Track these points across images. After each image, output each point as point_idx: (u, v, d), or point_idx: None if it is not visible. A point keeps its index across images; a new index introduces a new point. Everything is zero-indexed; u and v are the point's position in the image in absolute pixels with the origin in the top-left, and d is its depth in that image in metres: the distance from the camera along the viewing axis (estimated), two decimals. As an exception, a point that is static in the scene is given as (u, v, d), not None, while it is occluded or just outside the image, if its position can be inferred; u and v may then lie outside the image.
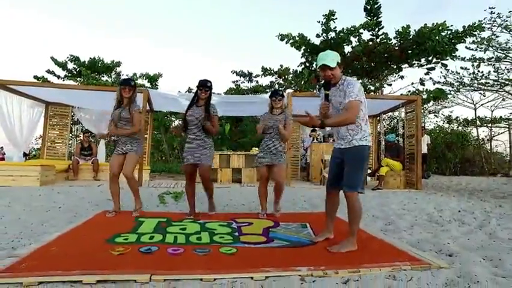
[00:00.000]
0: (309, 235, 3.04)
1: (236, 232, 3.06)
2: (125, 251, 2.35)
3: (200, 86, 3.74)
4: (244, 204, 4.88)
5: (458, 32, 10.00)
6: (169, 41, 38.56)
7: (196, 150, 3.70)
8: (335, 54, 2.58)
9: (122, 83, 3.80)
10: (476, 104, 15.02)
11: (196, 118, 3.71)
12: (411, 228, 3.45)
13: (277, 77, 12.00)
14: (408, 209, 4.58)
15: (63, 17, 36.12)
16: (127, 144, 3.75)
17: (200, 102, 3.79)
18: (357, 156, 2.53)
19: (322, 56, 2.55)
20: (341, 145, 2.62)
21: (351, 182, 2.51)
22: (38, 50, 35.14)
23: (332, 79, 2.54)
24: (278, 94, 3.90)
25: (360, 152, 2.53)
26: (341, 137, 2.64)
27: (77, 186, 6.31)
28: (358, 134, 2.54)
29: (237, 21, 38.75)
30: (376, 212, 4.36)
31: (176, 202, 5.04)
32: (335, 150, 2.75)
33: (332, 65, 2.49)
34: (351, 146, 2.54)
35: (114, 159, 3.76)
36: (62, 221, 3.41)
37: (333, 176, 2.73)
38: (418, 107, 7.40)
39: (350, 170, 2.53)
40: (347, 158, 2.56)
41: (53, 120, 8.91)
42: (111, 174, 3.71)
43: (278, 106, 3.88)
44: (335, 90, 2.60)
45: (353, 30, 10.80)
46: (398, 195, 5.95)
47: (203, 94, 3.73)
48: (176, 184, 7.29)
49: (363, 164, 2.56)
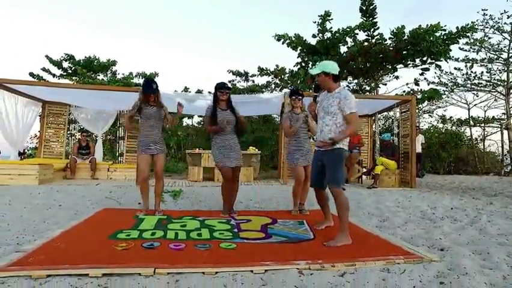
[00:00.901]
0: (307, 231, 3.14)
1: (235, 229, 3.14)
2: (128, 247, 2.42)
3: (219, 88, 3.79)
4: (242, 202, 4.95)
5: (452, 33, 10.15)
6: (165, 41, 38.52)
7: (235, 154, 3.78)
8: (324, 65, 2.92)
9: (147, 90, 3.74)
10: (470, 104, 15.25)
11: (227, 121, 3.75)
12: (405, 225, 3.55)
13: (273, 77, 12.08)
14: (403, 207, 4.69)
15: (59, 15, 35.93)
16: (157, 144, 3.76)
17: (222, 104, 3.82)
18: (337, 158, 2.81)
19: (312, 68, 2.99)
20: (321, 148, 2.86)
21: (335, 180, 2.80)
22: (33, 47, 34.94)
23: (318, 83, 3.00)
24: (298, 93, 3.99)
25: (340, 154, 2.81)
26: (322, 137, 2.87)
27: (76, 185, 6.34)
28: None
29: (233, 22, 38.81)
30: (371, 210, 4.46)
31: (175, 200, 5.11)
32: (316, 153, 3.02)
33: (313, 72, 2.96)
34: (331, 149, 2.79)
35: (144, 160, 3.71)
36: (63, 218, 3.46)
37: (315, 176, 3.06)
38: (413, 107, 7.52)
39: (332, 169, 2.82)
40: (328, 159, 2.84)
41: (49, 119, 8.92)
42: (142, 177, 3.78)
43: (298, 105, 3.97)
44: (329, 96, 2.89)
45: (349, 31, 10.92)
46: (393, 194, 6.07)
47: (224, 96, 3.78)
48: (174, 183, 7.36)
49: (342, 164, 2.87)
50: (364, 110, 8.91)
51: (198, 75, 35.55)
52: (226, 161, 3.74)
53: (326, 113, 2.87)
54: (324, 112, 2.89)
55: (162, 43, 38.49)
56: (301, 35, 11.56)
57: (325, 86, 2.92)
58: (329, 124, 2.85)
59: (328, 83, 2.88)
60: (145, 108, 3.71)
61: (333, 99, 2.83)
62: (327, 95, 2.91)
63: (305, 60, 12.51)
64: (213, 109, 3.80)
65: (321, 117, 2.94)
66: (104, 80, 14.52)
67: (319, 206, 3.38)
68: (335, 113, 2.81)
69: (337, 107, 2.80)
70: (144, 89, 3.71)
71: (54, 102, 8.83)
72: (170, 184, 7.18)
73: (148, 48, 37.48)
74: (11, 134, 7.64)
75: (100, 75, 15.20)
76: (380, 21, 10.80)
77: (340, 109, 2.78)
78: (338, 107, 2.79)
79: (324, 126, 2.88)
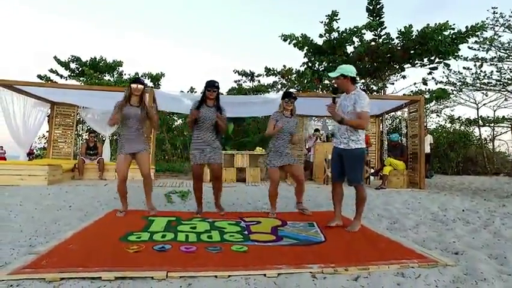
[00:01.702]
0: (317, 233, 3.11)
1: (245, 231, 3.13)
2: (140, 249, 2.42)
3: (208, 86, 3.81)
4: (250, 203, 4.94)
5: (461, 32, 10.04)
6: (172, 42, 38.68)
7: (207, 151, 3.77)
8: (343, 68, 3.22)
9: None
10: (479, 103, 15.06)
11: (208, 118, 3.77)
12: (416, 227, 3.51)
13: (280, 77, 12.04)
14: (413, 208, 4.64)
15: (67, 17, 36.30)
16: (138, 143, 3.76)
17: (209, 102, 3.85)
18: (356, 157, 3.17)
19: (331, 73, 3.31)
20: (339, 145, 3.23)
21: (355, 177, 3.18)
22: (41, 49, 35.37)
23: (335, 85, 3.36)
24: (291, 96, 3.95)
25: (357, 154, 3.16)
26: (340, 135, 3.24)
27: (84, 186, 6.38)
28: (354, 136, 3.14)
29: (239, 22, 38.86)
30: (381, 211, 4.42)
31: (184, 201, 5.11)
32: (335, 150, 3.33)
33: (332, 76, 3.26)
34: (349, 148, 3.15)
35: (122, 160, 3.67)
36: (74, 219, 3.48)
37: (336, 172, 3.36)
38: (421, 107, 7.45)
39: (352, 169, 3.19)
40: (347, 158, 3.18)
41: (58, 120, 9.00)
42: (119, 178, 3.67)
43: (289, 108, 3.93)
44: (346, 97, 3.21)
45: (356, 31, 10.85)
46: (402, 195, 6.01)
47: (211, 94, 3.80)
48: (181, 183, 7.37)
49: (361, 162, 3.23)
50: (373, 110, 8.82)
51: (204, 76, 35.68)
52: (194, 157, 3.77)
53: (344, 113, 3.17)
54: (342, 113, 3.18)
55: (169, 44, 38.66)
56: (308, 35, 11.52)
57: (343, 88, 3.24)
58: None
59: (346, 85, 3.20)
60: (127, 108, 3.70)
61: (349, 100, 3.15)
62: (345, 96, 3.23)
63: (311, 60, 12.46)
64: (199, 104, 3.80)
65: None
66: (111, 80, 14.62)
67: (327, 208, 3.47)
68: (351, 113, 3.13)
69: (352, 107, 3.11)
70: (132, 81, 3.77)
71: (62, 103, 8.92)
72: (177, 184, 7.20)
73: (154, 49, 37.67)
74: (18, 135, 7.72)
75: (107, 76, 15.30)
76: (386, 21, 10.73)
77: (354, 109, 3.08)
78: (353, 107, 3.10)
79: (342, 126, 3.19)
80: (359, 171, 3.24)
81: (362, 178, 3.26)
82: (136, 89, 3.74)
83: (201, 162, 3.80)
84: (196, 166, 3.84)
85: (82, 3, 32.57)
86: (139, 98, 3.81)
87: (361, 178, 3.24)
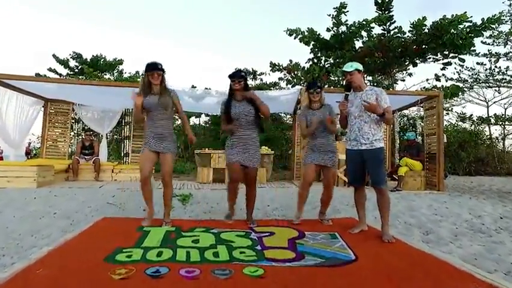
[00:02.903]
0: (344, 248, 2.61)
1: (258, 245, 2.62)
2: (128, 274, 1.91)
3: (231, 77, 3.27)
4: (259, 208, 4.43)
5: (476, 25, 9.49)
6: (172, 41, 38.21)
7: (247, 151, 3.27)
8: (355, 63, 3.03)
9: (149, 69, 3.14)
10: (489, 101, 14.54)
11: (244, 114, 3.25)
12: (456, 239, 3.00)
13: (286, 73, 11.52)
14: (442, 215, 4.13)
15: (66, 14, 35.85)
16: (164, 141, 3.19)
17: (238, 95, 3.30)
18: (378, 157, 2.91)
19: (345, 65, 3.03)
20: (360, 146, 2.94)
21: (379, 179, 2.90)
22: (40, 47, 34.91)
23: (350, 81, 2.97)
24: (316, 85, 3.46)
25: (380, 153, 2.91)
26: (362, 135, 2.93)
27: (77, 188, 5.89)
28: (377, 134, 2.91)
29: (240, 21, 38.33)
30: (407, 218, 3.91)
31: (184, 206, 4.62)
32: (351, 152, 3.04)
33: (347, 69, 2.96)
34: (372, 148, 2.89)
35: (145, 157, 3.15)
36: (56, 229, 2.99)
37: (356, 175, 3.08)
38: (440, 104, 6.92)
39: (375, 169, 2.91)
40: (370, 159, 2.91)
41: (53, 118, 8.51)
42: (142, 176, 3.17)
43: (317, 99, 3.44)
44: (360, 94, 2.96)
45: (365, 24, 10.32)
46: (423, 198, 5.49)
47: (237, 85, 3.26)
48: (182, 185, 6.86)
49: (383, 162, 3.00)
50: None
51: (204, 75, 35.15)
52: (233, 158, 3.25)
53: (362, 110, 2.91)
54: (360, 110, 2.93)
55: (169, 44, 38.18)
56: (315, 30, 10.99)
57: (358, 83, 2.98)
58: (368, 121, 2.91)
59: (361, 80, 3.01)
60: (148, 97, 3.15)
61: (369, 95, 2.91)
62: (358, 94, 2.98)
63: (318, 56, 11.96)
64: (227, 103, 3.29)
65: (356, 116, 2.97)
66: (111, 79, 14.16)
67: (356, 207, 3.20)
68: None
69: (375, 103, 2.82)
70: (147, 67, 3.14)
71: (57, 100, 8.43)
72: (178, 186, 6.70)
73: (154, 48, 37.19)
74: (8, 133, 7.21)
75: (107, 74, 14.85)
76: (395, 16, 10.18)
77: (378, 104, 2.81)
78: (376, 102, 2.82)
79: (363, 124, 2.93)
80: (384, 172, 3.03)
81: (385, 179, 3.01)
82: (154, 77, 3.12)
83: (240, 162, 3.25)
84: (234, 165, 3.25)
85: (82, 2, 32.01)
86: (160, 85, 3.19)
87: (385, 179, 2.99)
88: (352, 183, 3.17)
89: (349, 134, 3.09)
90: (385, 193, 2.89)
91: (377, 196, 2.94)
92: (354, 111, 2.98)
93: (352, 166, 3.10)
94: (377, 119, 2.90)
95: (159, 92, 3.17)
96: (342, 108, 3.00)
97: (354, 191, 3.17)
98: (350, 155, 3.08)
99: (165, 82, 3.25)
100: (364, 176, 3.07)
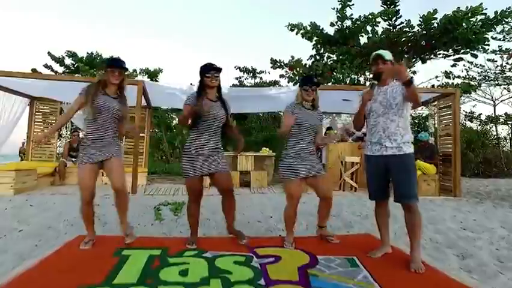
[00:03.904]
0: (365, 279, 2.08)
1: (261, 279, 2.08)
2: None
3: (206, 70, 2.70)
4: (260, 220, 3.90)
5: (489, 18, 8.96)
6: (170, 40, 37.72)
7: (211, 159, 2.72)
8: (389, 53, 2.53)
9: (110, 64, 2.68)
10: (496, 100, 14.06)
11: (214, 117, 2.72)
12: (503, 266, 2.48)
13: (287, 70, 10.99)
14: (472, 229, 3.59)
15: (62, 12, 35.35)
16: (110, 146, 2.69)
17: (210, 93, 2.76)
18: (409, 165, 2.43)
19: (379, 51, 2.54)
20: (384, 150, 2.44)
21: (409, 193, 2.36)
22: (35, 45, 34.40)
23: (382, 71, 2.47)
24: (312, 81, 2.86)
25: (411, 160, 2.45)
26: (388, 136, 2.44)
27: (60, 195, 5.35)
28: (406, 136, 2.44)
29: (240, 21, 37.85)
30: (432, 234, 3.39)
31: (176, 217, 4.09)
32: (373, 159, 2.53)
33: (386, 57, 2.46)
34: (401, 154, 2.40)
35: (87, 171, 2.58)
36: (13, 256, 2.45)
37: (378, 187, 2.57)
38: (456, 102, 6.39)
39: (404, 180, 2.39)
40: (397, 167, 2.41)
41: (39, 118, 7.96)
42: (86, 194, 2.59)
43: (310, 98, 2.85)
44: (385, 90, 2.50)
45: (371, 18, 9.78)
46: (443, 207, 4.96)
47: (213, 81, 2.71)
48: (176, 190, 6.32)
49: (415, 171, 2.52)
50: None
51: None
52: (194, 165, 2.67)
53: (387, 107, 2.45)
54: (385, 107, 2.46)
55: (167, 43, 37.65)
56: (318, 24, 10.46)
57: (388, 76, 2.50)
58: (395, 119, 2.43)
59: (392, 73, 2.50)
60: (100, 98, 2.61)
61: (394, 91, 2.45)
62: (381, 89, 2.51)
63: (320, 53, 11.44)
64: (197, 97, 2.70)
65: (380, 114, 2.49)
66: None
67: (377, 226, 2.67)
68: (400, 104, 2.41)
69: (402, 97, 2.40)
70: (108, 61, 2.69)
71: (45, 98, 7.88)
72: (171, 192, 6.16)
73: (152, 45, 36.65)
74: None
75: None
76: (402, 7, 9.65)
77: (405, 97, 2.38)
78: (402, 96, 2.39)
79: (389, 123, 2.44)
80: (415, 184, 2.45)
81: (417, 193, 2.42)
82: (114, 76, 2.64)
83: (200, 174, 2.70)
84: (192, 180, 2.71)
85: (75, 1, 31.48)
86: (117, 87, 2.74)
87: (416, 192, 2.41)
88: (373, 198, 2.64)
89: (369, 137, 2.59)
90: (416, 211, 2.38)
91: (406, 215, 2.42)
92: (378, 108, 2.50)
93: (374, 177, 2.58)
94: (406, 117, 2.46)
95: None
96: (367, 98, 2.47)
97: (376, 206, 2.67)
98: (370, 163, 2.58)
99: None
100: (388, 188, 2.56)
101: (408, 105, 2.45)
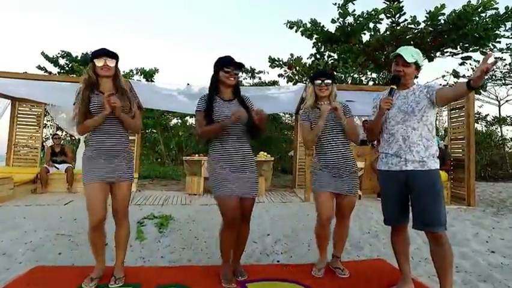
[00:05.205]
0: None
1: None
2: None
3: (226, 63, 2.19)
4: (256, 241, 3.38)
5: (499, 14, 8.48)
6: (167, 40, 37.28)
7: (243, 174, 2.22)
8: (416, 51, 2.12)
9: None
10: (501, 100, 13.65)
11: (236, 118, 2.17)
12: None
13: (286, 69, 10.49)
14: (502, 253, 3.08)
15: (57, 12, 34.89)
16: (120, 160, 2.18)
17: (225, 93, 2.27)
18: (435, 184, 1.98)
19: (401, 48, 2.14)
20: (404, 165, 2.02)
21: (437, 218, 1.91)
22: (29, 45, 33.94)
23: (401, 75, 2.09)
24: (325, 75, 2.40)
25: (437, 178, 2.00)
26: (409, 147, 2.02)
27: (36, 206, 4.85)
28: (431, 148, 2.02)
29: (239, 21, 37.45)
30: (457, 260, 2.85)
31: (161, 234, 3.59)
32: (390, 175, 2.09)
33: (408, 59, 2.03)
34: (425, 170, 1.97)
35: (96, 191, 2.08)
36: None
37: (397, 210, 2.12)
38: (471, 103, 5.89)
39: (431, 202, 1.93)
40: (421, 186, 1.97)
41: (21, 120, 7.46)
42: (94, 219, 2.07)
43: (325, 95, 2.38)
44: (405, 94, 2.13)
45: (374, 15, 9.30)
46: (459, 220, 4.46)
47: (231, 79, 2.21)
48: (166, 200, 5.80)
49: (442, 193, 2.01)
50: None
51: (201, 74, 34.21)
52: (224, 186, 2.14)
53: (409, 113, 2.06)
54: (405, 113, 2.07)
55: (163, 43, 37.20)
56: (318, 21, 9.98)
57: (408, 80, 2.13)
58: (417, 127, 2.03)
59: (413, 77, 2.16)
60: (94, 96, 2.11)
61: (416, 94, 2.08)
62: (401, 92, 2.13)
63: (320, 51, 10.98)
64: (208, 100, 2.22)
65: (398, 121, 2.09)
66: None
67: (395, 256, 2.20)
68: (424, 110, 2.02)
69: (427, 101, 2.01)
70: (94, 52, 2.12)
71: (27, 100, 7.38)
72: (161, 201, 5.65)
73: (148, 47, 36.21)
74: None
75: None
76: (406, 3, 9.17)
77: (430, 100, 2.00)
78: (427, 100, 2.01)
79: (410, 132, 2.04)
80: (443, 208, 1.94)
81: (446, 219, 1.94)
82: (105, 67, 2.12)
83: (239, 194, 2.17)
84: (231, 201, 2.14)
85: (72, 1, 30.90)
86: (113, 82, 2.20)
87: (445, 219, 1.94)
88: (390, 223, 2.18)
89: (385, 147, 2.14)
90: (446, 242, 1.94)
91: (433, 247, 1.97)
92: (396, 114, 2.09)
93: (391, 197, 2.12)
94: (431, 124, 2.05)
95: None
96: (386, 107, 2.03)
97: (393, 232, 2.21)
98: (386, 180, 2.13)
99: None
100: (408, 210, 2.09)
101: (433, 111, 2.05)
